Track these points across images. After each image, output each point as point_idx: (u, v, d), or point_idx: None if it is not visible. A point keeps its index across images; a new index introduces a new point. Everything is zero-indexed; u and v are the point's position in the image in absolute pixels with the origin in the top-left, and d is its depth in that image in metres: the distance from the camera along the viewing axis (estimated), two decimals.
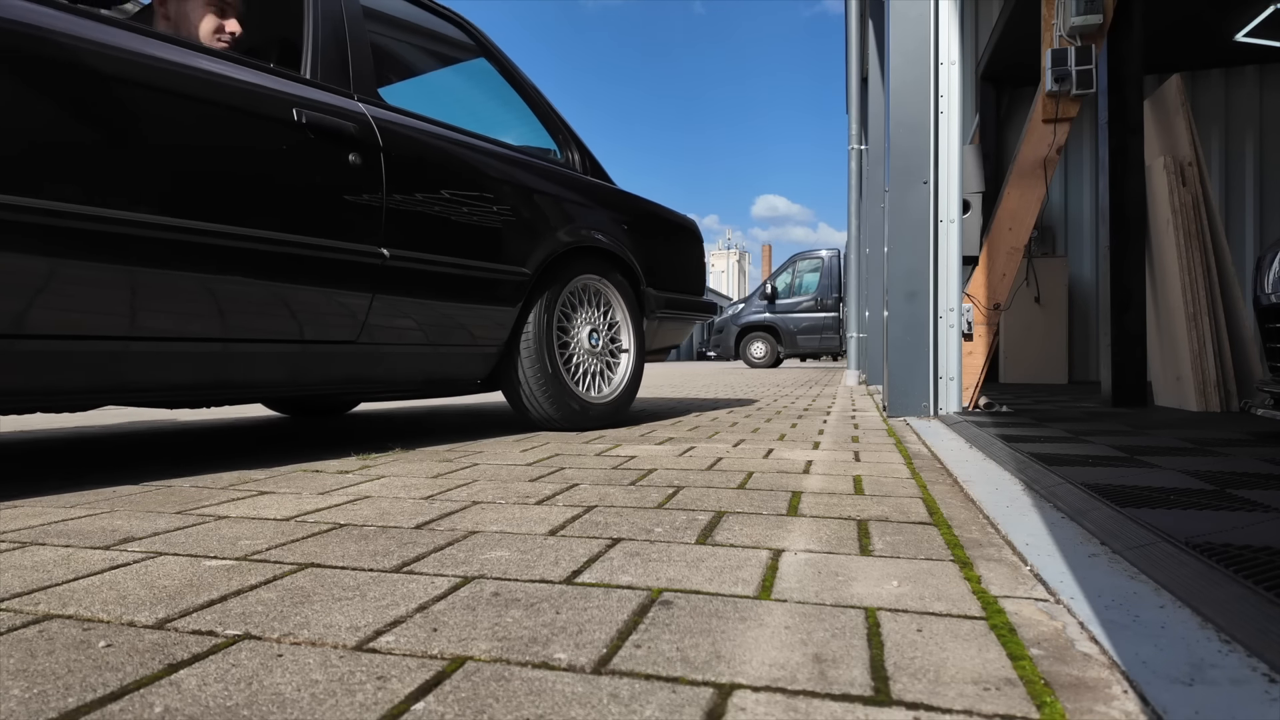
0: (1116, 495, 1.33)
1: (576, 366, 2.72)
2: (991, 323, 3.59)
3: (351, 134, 1.95)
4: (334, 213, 1.89)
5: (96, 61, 1.48)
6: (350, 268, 1.92)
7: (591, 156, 2.95)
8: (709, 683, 0.62)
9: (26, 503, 1.38)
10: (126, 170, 1.50)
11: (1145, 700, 0.59)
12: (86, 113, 1.46)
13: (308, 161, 1.84)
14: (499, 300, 2.36)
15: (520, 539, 1.10)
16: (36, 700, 0.59)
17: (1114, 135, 3.74)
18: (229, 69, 1.74)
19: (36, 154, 1.38)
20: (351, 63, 2.08)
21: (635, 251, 2.94)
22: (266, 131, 1.76)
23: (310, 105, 1.87)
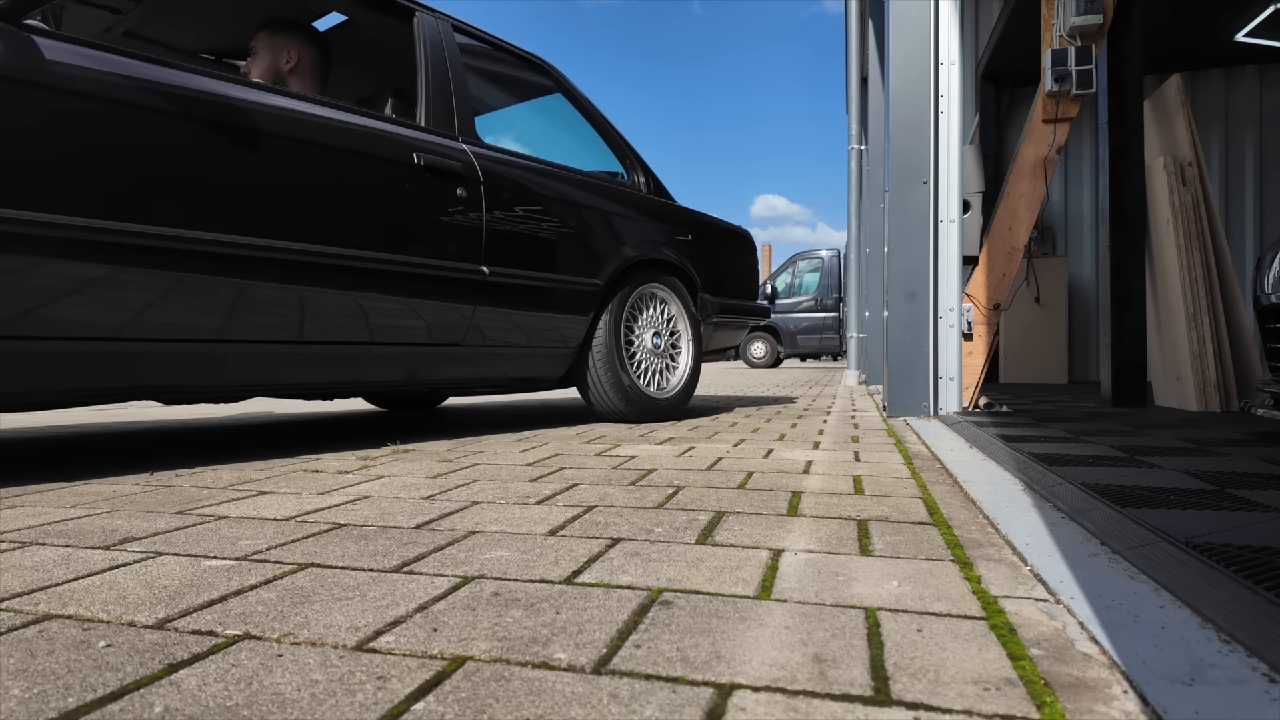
0: (1117, 495, 1.33)
1: (641, 365, 3.01)
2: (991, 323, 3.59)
3: (458, 171, 2.31)
4: (446, 238, 2.25)
5: (289, 128, 1.90)
6: (458, 284, 2.29)
7: (655, 177, 3.31)
8: (709, 683, 0.62)
9: (27, 503, 1.38)
10: (299, 212, 1.90)
11: (1145, 700, 0.59)
12: (281, 169, 1.88)
13: (425, 196, 2.21)
14: (575, 308, 2.70)
15: (520, 539, 1.10)
16: (36, 700, 0.59)
17: (1114, 135, 3.74)
18: (370, 122, 2.13)
19: (253, 203, 1.81)
20: (456, 110, 2.44)
21: (693, 261, 3.26)
22: (395, 173, 2.13)
23: (427, 149, 2.24)
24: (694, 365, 3.22)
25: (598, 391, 2.85)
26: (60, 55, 1.55)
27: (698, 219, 3.41)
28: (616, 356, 2.83)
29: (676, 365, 3.19)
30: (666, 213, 3.22)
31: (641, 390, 2.92)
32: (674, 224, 3.22)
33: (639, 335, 3.02)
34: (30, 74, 1.48)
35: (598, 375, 2.82)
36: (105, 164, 1.58)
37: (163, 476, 1.67)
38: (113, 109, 1.59)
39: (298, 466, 1.82)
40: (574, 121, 3.11)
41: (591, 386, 2.86)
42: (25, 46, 1.50)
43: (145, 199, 1.63)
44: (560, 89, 3.05)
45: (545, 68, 2.95)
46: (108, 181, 1.58)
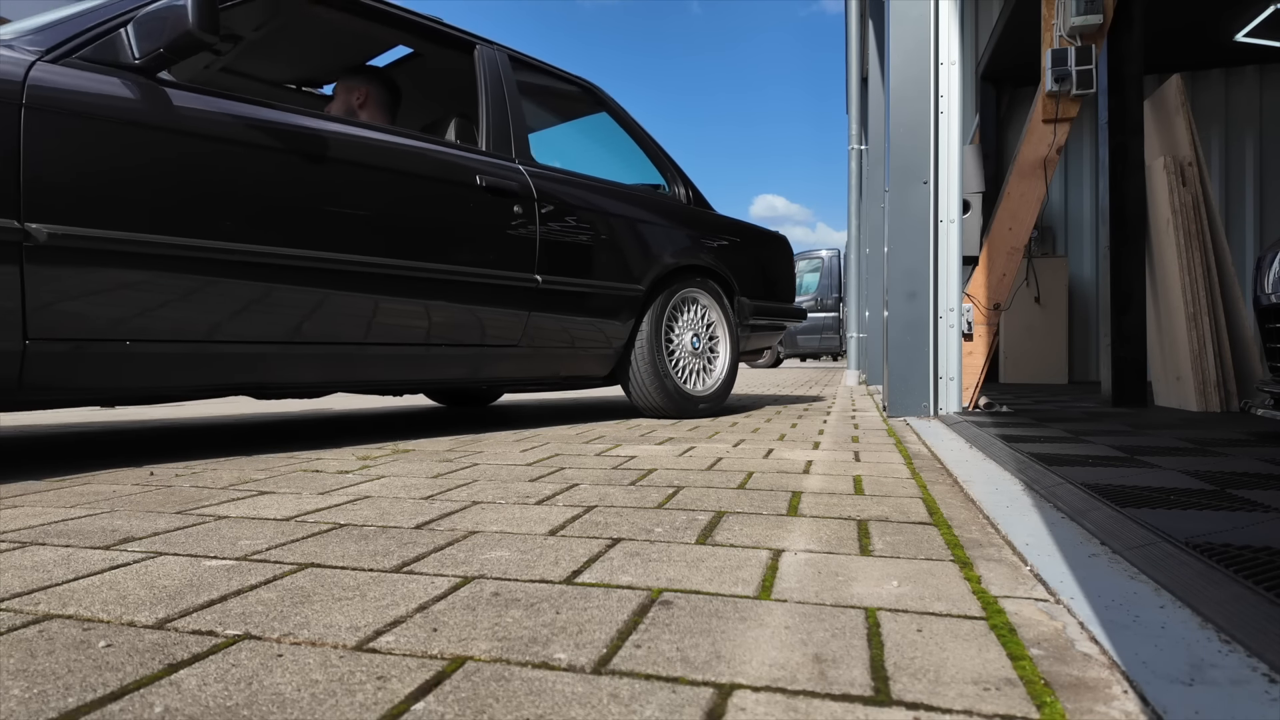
0: (1116, 495, 1.33)
1: (680, 364, 3.19)
2: (991, 323, 3.59)
3: (515, 190, 2.55)
4: (504, 250, 2.49)
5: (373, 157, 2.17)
6: (515, 291, 2.52)
7: (694, 188, 3.49)
8: (709, 683, 0.62)
9: (27, 503, 1.38)
10: (380, 230, 2.16)
11: (1145, 700, 0.59)
12: (365, 193, 2.14)
13: (486, 214, 2.45)
14: (618, 312, 2.91)
15: (520, 539, 1.10)
16: (36, 700, 0.59)
17: (1114, 135, 3.73)
18: (440, 150, 2.39)
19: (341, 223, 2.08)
20: (513, 134, 2.69)
21: (729, 266, 3.44)
22: (461, 194, 2.38)
23: (487, 171, 2.49)
24: (731, 365, 3.39)
25: (639, 389, 3.05)
26: (185, 101, 1.84)
27: (734, 225, 3.60)
28: (657, 357, 3.02)
29: (714, 365, 3.36)
30: (704, 220, 3.41)
31: (681, 388, 3.11)
32: (711, 231, 3.41)
33: (678, 336, 3.20)
34: (162, 119, 1.77)
35: (640, 374, 3.02)
36: (223, 193, 1.86)
37: (163, 476, 1.67)
38: (228, 146, 1.87)
39: (298, 466, 1.82)
40: (619, 138, 3.35)
41: (634, 385, 3.06)
42: (159, 97, 1.79)
43: (258, 222, 1.91)
44: (605, 108, 3.29)
45: (592, 89, 3.19)
46: (226, 207, 1.86)
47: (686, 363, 3.22)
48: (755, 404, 4.08)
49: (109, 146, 1.69)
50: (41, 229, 1.57)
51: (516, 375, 2.68)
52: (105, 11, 1.80)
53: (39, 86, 1.60)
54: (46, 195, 1.59)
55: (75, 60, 1.71)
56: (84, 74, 1.70)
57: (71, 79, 1.67)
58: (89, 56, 1.73)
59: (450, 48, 2.73)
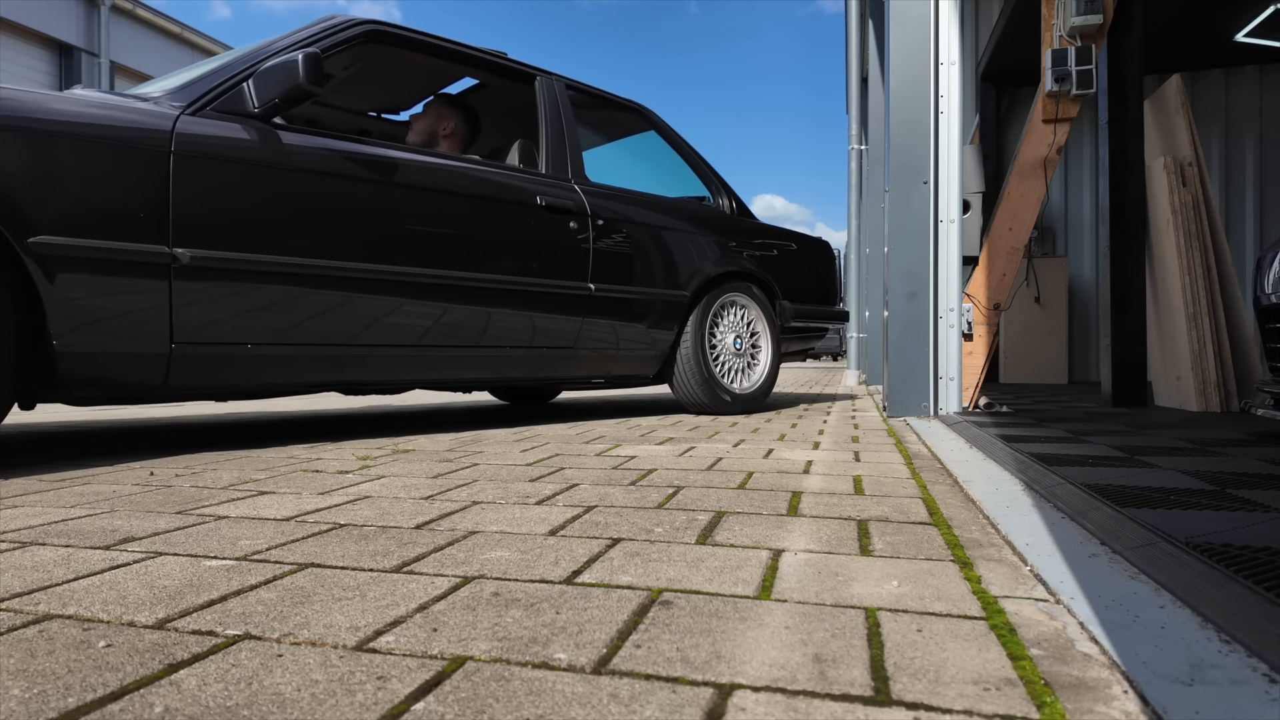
0: (1117, 495, 1.33)
1: (723, 364, 3.40)
2: (991, 323, 3.59)
3: (570, 208, 2.82)
4: (561, 263, 2.76)
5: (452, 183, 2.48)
6: (571, 299, 2.79)
7: (737, 198, 3.72)
8: (709, 683, 0.62)
9: (27, 503, 1.38)
10: (457, 247, 2.46)
11: (1145, 700, 0.59)
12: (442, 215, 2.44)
13: (545, 230, 2.73)
14: (665, 316, 3.15)
15: (520, 539, 1.10)
16: (37, 700, 0.59)
17: (1114, 135, 3.73)
18: (507, 177, 2.69)
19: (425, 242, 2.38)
20: (569, 157, 2.97)
21: (771, 271, 3.65)
22: (523, 213, 2.67)
23: (547, 192, 2.77)
24: (773, 365, 3.58)
25: (683, 387, 3.28)
26: (293, 141, 2.16)
27: (776, 232, 3.81)
28: (701, 357, 3.24)
29: (756, 365, 3.57)
30: (746, 229, 3.62)
31: (724, 386, 3.33)
32: (753, 238, 3.62)
33: (721, 338, 3.41)
34: (276, 158, 2.10)
35: (684, 373, 3.24)
36: (326, 218, 2.18)
37: (163, 476, 1.67)
38: (330, 178, 2.20)
39: (298, 466, 1.82)
40: (666, 154, 3.63)
41: (678, 382, 3.28)
42: (273, 138, 2.12)
43: (355, 242, 2.23)
44: (654, 127, 3.53)
45: (641, 110, 3.45)
46: (329, 229, 2.18)
47: (729, 362, 3.42)
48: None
49: (235, 182, 2.01)
50: (184, 253, 1.91)
51: (571, 374, 2.93)
52: (231, 69, 2.14)
53: (182, 136, 1.94)
54: (187, 225, 1.93)
55: (209, 112, 2.04)
56: (216, 123, 2.03)
57: (206, 128, 2.00)
58: (219, 107, 2.06)
59: (514, 79, 3.04)
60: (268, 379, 2.14)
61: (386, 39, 2.58)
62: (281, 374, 2.15)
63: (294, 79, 2.05)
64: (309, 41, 2.31)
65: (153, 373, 1.92)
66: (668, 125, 3.53)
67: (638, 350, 3.10)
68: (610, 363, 3.03)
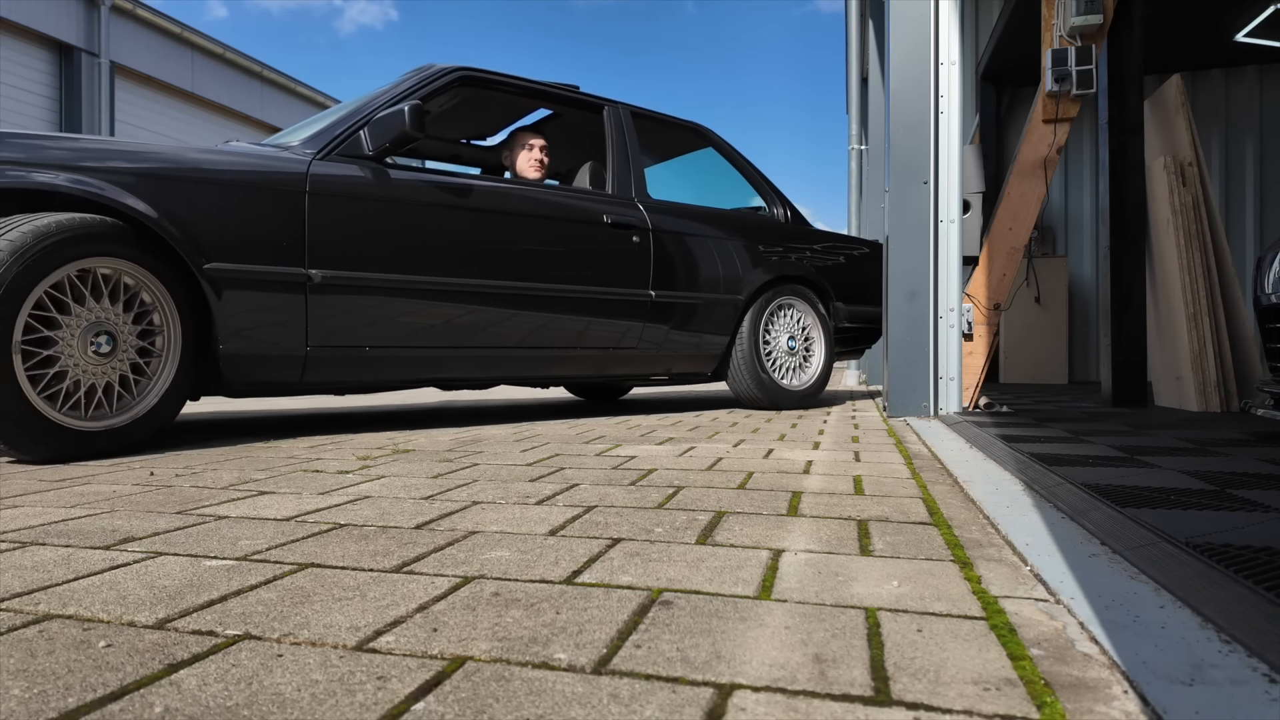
0: (1117, 495, 1.33)
1: (776, 363, 3.63)
2: (991, 323, 3.58)
3: (634, 224, 3.16)
4: (626, 272, 3.11)
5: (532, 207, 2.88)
6: (633, 304, 3.13)
7: (792, 206, 3.95)
8: (709, 683, 0.62)
9: (27, 503, 1.38)
10: (538, 262, 2.85)
11: (1145, 700, 0.59)
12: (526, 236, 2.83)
13: (612, 244, 3.08)
14: (720, 318, 3.43)
15: (520, 539, 1.10)
16: (37, 700, 0.59)
17: (1114, 135, 3.73)
18: (578, 199, 3.07)
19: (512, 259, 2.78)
20: (633, 178, 3.30)
21: (824, 274, 3.88)
22: (593, 230, 3.03)
23: (612, 211, 3.12)
24: (826, 363, 3.82)
25: (738, 383, 3.53)
26: (402, 177, 2.58)
27: (829, 237, 4.02)
28: (755, 356, 3.49)
29: (809, 363, 3.81)
30: (800, 235, 3.84)
31: (777, 383, 3.57)
32: (806, 244, 3.84)
33: (775, 338, 3.64)
34: (386, 192, 2.52)
35: (738, 370, 3.50)
36: (428, 241, 2.58)
37: (163, 476, 1.67)
38: (430, 207, 2.60)
39: (298, 466, 1.82)
40: (724, 168, 3.92)
41: (733, 379, 3.54)
42: (384, 176, 2.54)
43: (451, 260, 2.62)
44: (711, 145, 3.81)
45: (700, 130, 3.75)
46: (430, 250, 2.58)
47: (783, 361, 3.66)
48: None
49: (355, 213, 2.43)
50: (317, 273, 2.34)
51: (634, 372, 3.27)
52: (350, 120, 2.57)
53: (315, 177, 2.38)
54: (319, 249, 2.35)
55: (334, 156, 2.46)
56: (340, 165, 2.46)
57: (333, 170, 2.43)
58: (342, 152, 2.49)
59: (584, 109, 3.38)
60: (381, 376, 2.56)
61: (475, 82, 2.98)
62: (393, 372, 2.57)
63: (401, 126, 2.46)
64: (411, 91, 2.72)
65: (292, 371, 2.36)
66: (725, 142, 3.80)
67: (695, 350, 3.39)
68: (670, 361, 3.34)
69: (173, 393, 2.13)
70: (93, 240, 1.94)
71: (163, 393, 2.11)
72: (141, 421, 2.08)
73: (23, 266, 1.80)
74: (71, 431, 1.93)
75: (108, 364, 2.02)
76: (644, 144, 3.73)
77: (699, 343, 3.40)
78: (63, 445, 1.91)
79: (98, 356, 1.99)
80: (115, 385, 2.04)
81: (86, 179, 1.98)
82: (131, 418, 2.06)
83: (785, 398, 3.58)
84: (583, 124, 3.62)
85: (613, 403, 4.27)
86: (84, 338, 1.97)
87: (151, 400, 2.09)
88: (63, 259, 1.88)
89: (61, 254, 1.88)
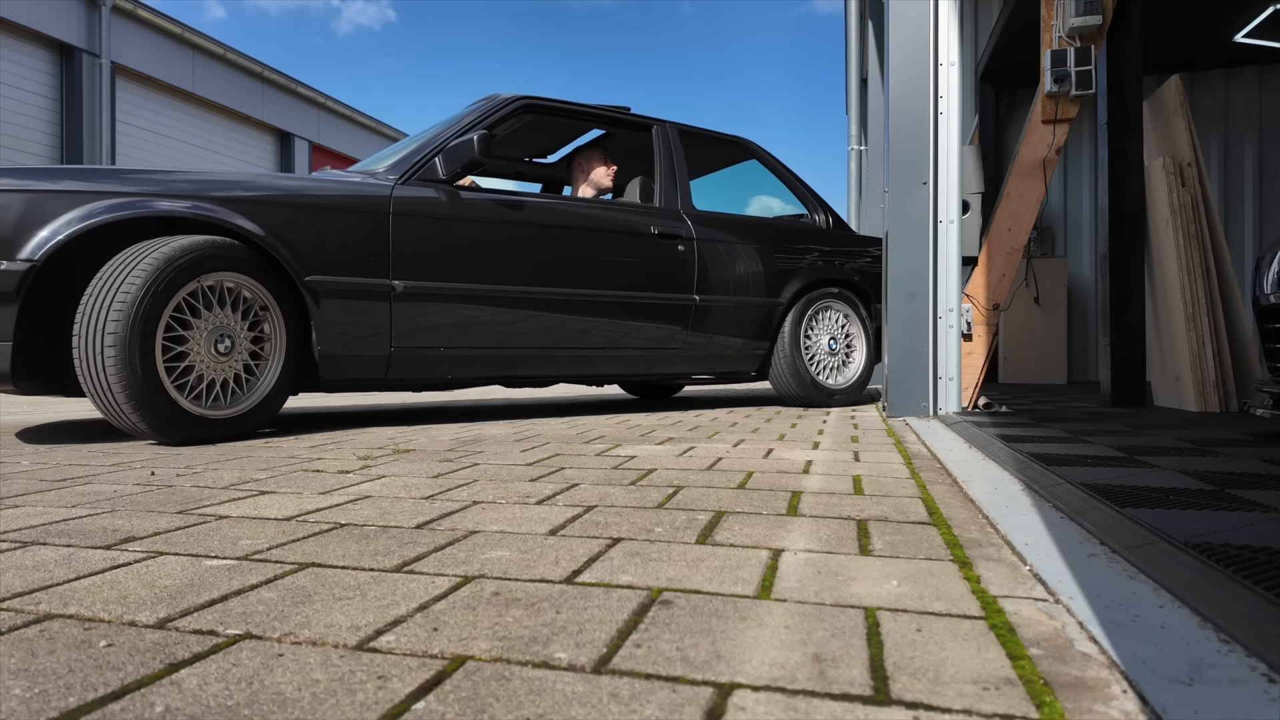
0: (1116, 495, 1.33)
1: (818, 362, 3.83)
2: (991, 323, 3.59)
3: (679, 233, 3.41)
4: (671, 278, 3.36)
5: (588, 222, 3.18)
6: (678, 308, 3.38)
7: (834, 213, 4.13)
8: (709, 682, 0.62)
9: (28, 502, 1.38)
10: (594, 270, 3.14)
11: (1145, 700, 0.59)
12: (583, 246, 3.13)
13: (658, 252, 3.34)
14: (762, 321, 3.64)
15: (520, 539, 1.11)
16: (38, 700, 0.59)
17: (1113, 136, 3.74)
18: (627, 212, 3.35)
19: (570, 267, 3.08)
20: (679, 191, 3.54)
21: (865, 278, 4.03)
22: (641, 241, 3.30)
23: (659, 223, 3.38)
24: (867, 363, 3.98)
25: (780, 382, 3.74)
26: (471, 198, 2.91)
27: (871, 241, 4.18)
28: (796, 356, 3.69)
29: (850, 363, 3.98)
30: (841, 240, 4.03)
31: (818, 382, 3.77)
32: (847, 249, 4.01)
33: (816, 339, 3.83)
34: (457, 212, 2.84)
35: (780, 370, 3.71)
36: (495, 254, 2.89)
37: (164, 476, 1.67)
38: (496, 224, 2.92)
39: (298, 466, 1.82)
40: (767, 179, 4.16)
41: (775, 378, 3.76)
42: (456, 197, 2.86)
43: (515, 270, 2.93)
44: (755, 157, 4.07)
45: (744, 144, 3.99)
46: (497, 262, 2.90)
47: (824, 361, 3.85)
48: (755, 403, 4.08)
49: (431, 231, 2.76)
50: (399, 283, 2.67)
51: (680, 371, 3.53)
52: (426, 148, 2.89)
53: (397, 200, 2.71)
54: (400, 262, 2.68)
55: (413, 181, 2.79)
56: (418, 189, 2.79)
57: (412, 193, 2.76)
58: (420, 177, 2.82)
59: (635, 129, 3.65)
60: (453, 374, 2.87)
61: (537, 109, 3.28)
62: (463, 370, 2.89)
63: (471, 154, 2.77)
64: (479, 120, 3.03)
65: (378, 369, 2.69)
66: (768, 154, 4.03)
67: (738, 350, 3.60)
68: (714, 361, 3.56)
69: (279, 387, 2.46)
70: (213, 259, 2.27)
71: (270, 387, 2.44)
72: (253, 412, 2.40)
73: (161, 284, 2.15)
74: (199, 418, 2.25)
75: (227, 362, 2.36)
76: (691, 158, 3.94)
77: (741, 343, 3.59)
78: (192, 430, 2.24)
79: (220, 356, 2.34)
80: (230, 381, 2.38)
81: (205, 205, 2.33)
82: (245, 409, 2.38)
83: (825, 396, 3.75)
84: (633, 141, 3.90)
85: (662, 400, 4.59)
86: (209, 340, 2.32)
87: (261, 394, 2.42)
88: (191, 274, 2.23)
89: (191, 271, 2.22)
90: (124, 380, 2.08)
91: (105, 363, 2.07)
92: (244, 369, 2.41)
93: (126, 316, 2.08)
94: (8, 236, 2.09)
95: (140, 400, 2.11)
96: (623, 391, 5.42)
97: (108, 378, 2.08)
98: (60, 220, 2.13)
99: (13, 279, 2.06)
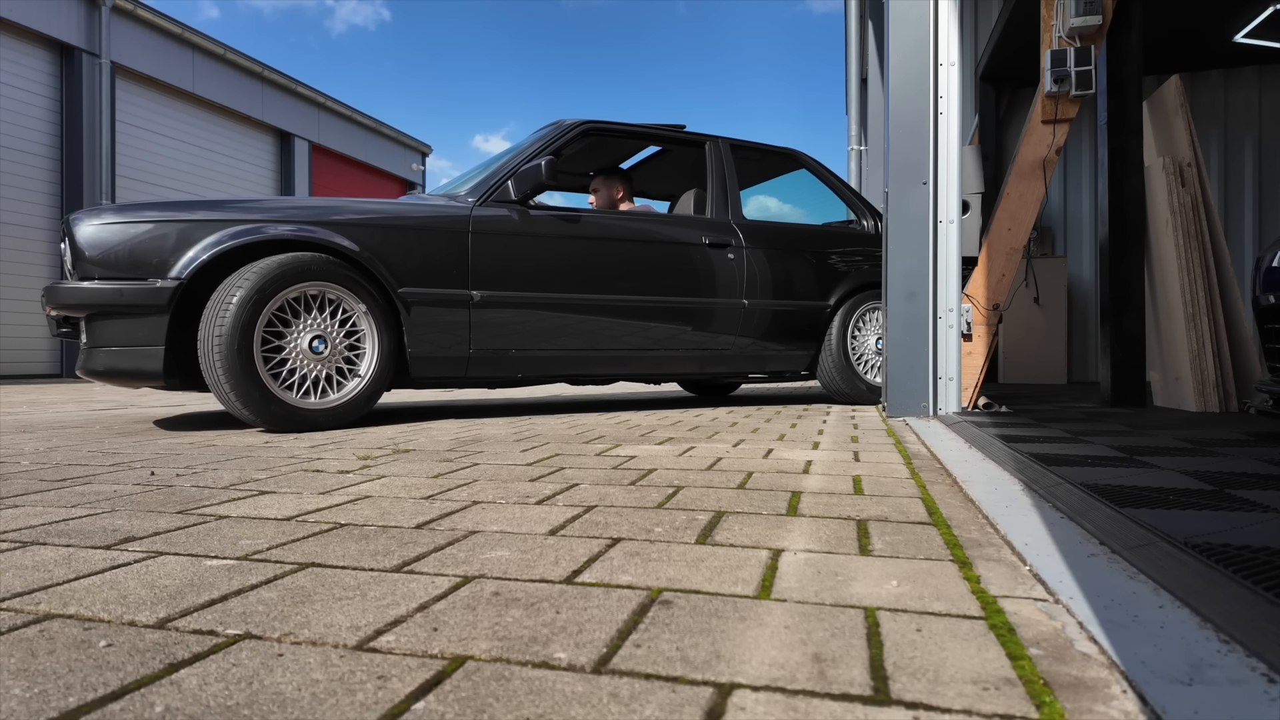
0: (1115, 495, 1.33)
1: (864, 361, 4.01)
2: (991, 323, 3.58)
3: (729, 242, 3.67)
4: (720, 283, 3.62)
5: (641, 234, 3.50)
6: (728, 310, 3.64)
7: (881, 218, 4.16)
8: (709, 682, 0.62)
9: (28, 502, 1.38)
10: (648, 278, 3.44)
11: (1144, 700, 0.59)
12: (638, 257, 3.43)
13: (710, 260, 3.60)
14: (810, 322, 3.87)
15: (520, 539, 1.11)
16: (38, 700, 0.59)
17: (1113, 136, 3.73)
18: (680, 222, 3.67)
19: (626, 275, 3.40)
20: (729, 203, 3.80)
21: None
22: (693, 250, 3.58)
23: (710, 233, 3.65)
24: None
25: (828, 380, 3.96)
26: (539, 216, 3.24)
27: None
28: (843, 356, 3.91)
29: None
30: None
31: (865, 380, 3.95)
32: None
33: (862, 340, 4.01)
34: (528, 230, 3.19)
35: (827, 369, 3.94)
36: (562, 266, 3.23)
37: (164, 476, 1.67)
38: (562, 239, 3.25)
39: (298, 466, 1.82)
40: (816, 186, 4.37)
41: (823, 376, 3.97)
42: (526, 216, 3.21)
43: (580, 279, 3.26)
44: (804, 166, 4.28)
45: (795, 155, 4.23)
46: (564, 272, 3.23)
47: (871, 360, 4.02)
48: (755, 403, 4.08)
49: (505, 246, 3.12)
50: (477, 293, 3.04)
51: (732, 370, 3.77)
52: (500, 173, 3.24)
53: (475, 219, 3.08)
54: (478, 275, 3.05)
55: (489, 202, 3.15)
56: (493, 209, 3.15)
57: (488, 212, 3.13)
58: (495, 199, 3.17)
59: (689, 145, 3.92)
60: (523, 373, 3.22)
61: (599, 132, 3.60)
62: (532, 370, 3.22)
63: (539, 178, 3.09)
64: (546, 145, 3.35)
65: (459, 368, 3.06)
66: (817, 163, 4.21)
67: (786, 350, 3.84)
68: (764, 360, 3.80)
69: (373, 384, 2.81)
70: (309, 271, 2.67)
71: (366, 384, 2.80)
72: (350, 406, 2.75)
73: (259, 294, 2.54)
74: (299, 410, 2.63)
75: (322, 361, 2.73)
76: (742, 169, 4.16)
77: (789, 344, 3.82)
78: (293, 420, 2.61)
79: (315, 355, 2.71)
80: (333, 377, 2.76)
81: (308, 228, 2.74)
82: (342, 403, 2.74)
83: (874, 394, 3.92)
84: (688, 155, 4.24)
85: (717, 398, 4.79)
86: (307, 341, 2.69)
87: (357, 390, 2.78)
88: (283, 285, 2.61)
89: (282, 283, 2.61)
90: (230, 375, 2.48)
91: (216, 360, 2.48)
92: (338, 371, 2.77)
93: (234, 321, 2.49)
94: (161, 260, 2.54)
95: (242, 392, 2.49)
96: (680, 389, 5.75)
97: (219, 373, 2.48)
98: (199, 245, 2.58)
99: (165, 294, 2.51)
